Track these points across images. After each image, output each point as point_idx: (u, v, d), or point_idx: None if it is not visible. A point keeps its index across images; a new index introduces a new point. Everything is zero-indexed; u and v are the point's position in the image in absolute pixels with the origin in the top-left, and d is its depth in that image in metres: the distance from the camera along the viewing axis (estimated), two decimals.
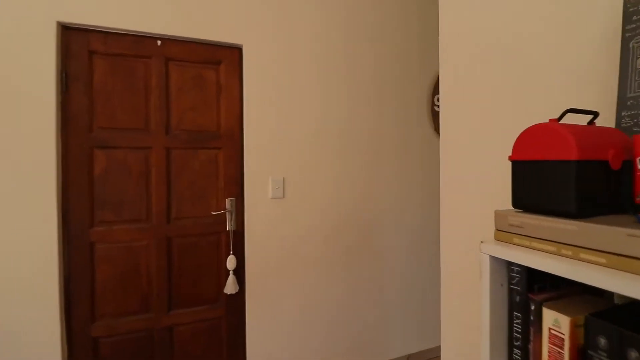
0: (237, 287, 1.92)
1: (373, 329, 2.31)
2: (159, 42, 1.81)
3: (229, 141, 1.94)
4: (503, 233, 0.62)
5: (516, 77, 1.00)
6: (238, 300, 1.97)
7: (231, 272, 1.91)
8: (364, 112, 2.26)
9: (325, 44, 2.12)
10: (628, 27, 0.69)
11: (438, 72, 2.51)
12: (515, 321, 0.62)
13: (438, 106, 2.53)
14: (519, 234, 0.59)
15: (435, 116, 2.52)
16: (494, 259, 0.62)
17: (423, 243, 2.49)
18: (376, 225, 2.31)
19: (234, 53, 1.95)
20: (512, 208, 0.65)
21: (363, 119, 2.25)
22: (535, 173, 0.59)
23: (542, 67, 0.93)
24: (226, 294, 1.93)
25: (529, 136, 0.61)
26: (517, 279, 0.62)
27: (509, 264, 0.63)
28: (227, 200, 1.93)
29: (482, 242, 0.63)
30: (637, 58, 0.66)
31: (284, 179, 2.03)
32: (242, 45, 1.94)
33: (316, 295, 2.13)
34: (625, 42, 0.69)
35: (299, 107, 2.06)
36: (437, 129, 2.53)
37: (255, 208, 1.96)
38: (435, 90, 2.52)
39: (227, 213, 1.93)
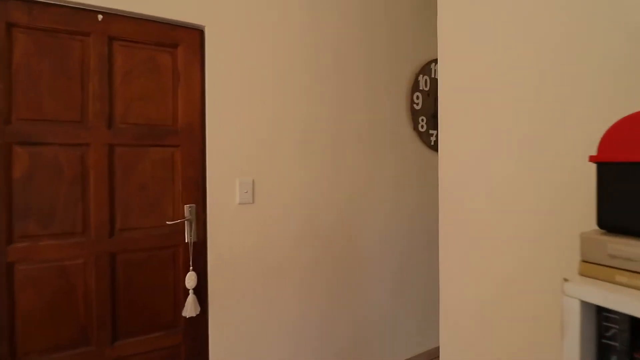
0: (199, 309, 1.64)
1: (358, 344, 2.11)
2: (100, 17, 1.49)
3: (188, 138, 1.65)
4: (597, 267, 0.43)
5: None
6: (200, 323, 1.69)
7: (191, 291, 1.63)
8: (346, 109, 2.05)
9: (300, 30, 1.90)
10: None
11: (416, 68, 2.37)
12: None
13: (417, 104, 2.39)
14: (627, 270, 0.40)
15: (414, 114, 2.38)
16: (584, 305, 0.43)
17: (412, 249, 2.34)
18: (361, 232, 2.12)
19: (194, 35, 1.66)
20: (596, 229, 0.46)
21: (346, 118, 2.05)
22: None
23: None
24: (185, 317, 1.64)
25: (628, 129, 0.43)
26: (614, 331, 0.43)
27: (600, 309, 0.44)
28: (186, 207, 1.64)
29: (566, 280, 0.44)
30: None
31: (253, 181, 1.77)
32: (204, 27, 1.66)
33: (294, 313, 1.89)
34: None
35: (271, 101, 1.82)
36: (416, 128, 2.39)
37: (219, 216, 1.69)
38: (415, 87, 2.38)
39: (185, 222, 1.64)
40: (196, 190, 1.67)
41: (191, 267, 1.64)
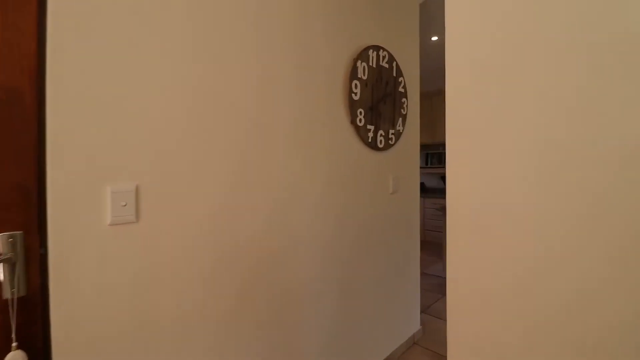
0: None
1: None
2: None
3: (5, 112, 0.92)
4: None
5: None
6: None
7: None
8: (272, 91, 1.53)
9: None
10: None
11: (354, 53, 1.98)
12: None
13: (356, 94, 2.01)
14: None
15: (352, 106, 1.99)
16: None
17: (352, 274, 1.93)
18: (289, 256, 1.61)
19: None
20: None
21: (272, 102, 1.52)
22: None
23: None
24: None
25: None
26: None
27: None
28: (1, 237, 0.91)
29: None
30: None
31: (137, 188, 1.12)
32: None
33: None
34: None
35: (167, 61, 1.18)
36: (353, 121, 2.01)
37: (73, 247, 1.00)
38: (353, 74, 1.98)
39: (1, 265, 0.91)
40: (23, 206, 0.94)
41: (15, 343, 0.92)
